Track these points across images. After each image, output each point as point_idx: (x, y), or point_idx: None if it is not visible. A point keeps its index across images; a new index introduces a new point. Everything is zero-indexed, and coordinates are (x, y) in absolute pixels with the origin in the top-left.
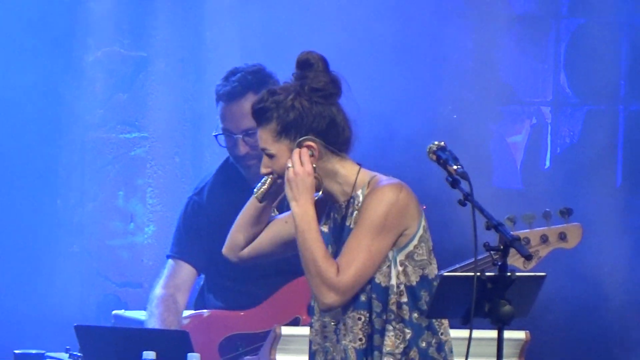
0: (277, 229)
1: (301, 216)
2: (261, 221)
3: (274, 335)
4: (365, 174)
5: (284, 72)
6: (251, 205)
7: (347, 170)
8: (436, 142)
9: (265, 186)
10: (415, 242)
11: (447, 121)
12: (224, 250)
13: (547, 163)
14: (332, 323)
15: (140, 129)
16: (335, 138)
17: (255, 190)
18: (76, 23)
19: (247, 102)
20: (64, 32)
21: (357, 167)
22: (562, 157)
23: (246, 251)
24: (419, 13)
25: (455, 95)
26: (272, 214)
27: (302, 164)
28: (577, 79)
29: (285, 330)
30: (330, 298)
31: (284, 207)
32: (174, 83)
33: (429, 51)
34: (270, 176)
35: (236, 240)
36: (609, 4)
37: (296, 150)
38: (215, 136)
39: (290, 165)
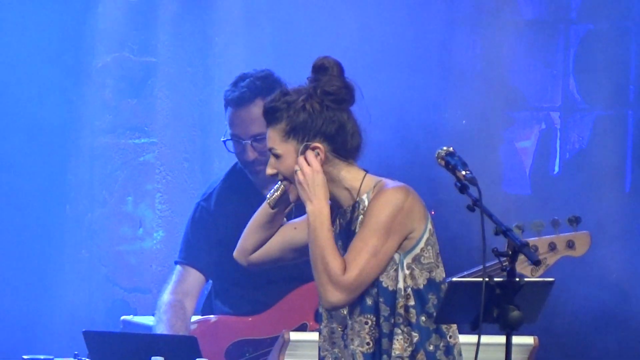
0: (287, 234)
1: (315, 215)
2: (272, 226)
3: (283, 340)
4: (371, 179)
5: (293, 78)
6: (263, 211)
7: (352, 175)
8: (445, 148)
9: (278, 192)
10: (421, 245)
11: (456, 126)
12: (235, 253)
13: (556, 168)
14: (339, 329)
15: (149, 134)
16: (343, 144)
17: (268, 196)
18: (85, 29)
19: (256, 108)
20: (73, 37)
21: (363, 172)
22: (571, 162)
23: (255, 256)
24: (429, 18)
25: (464, 100)
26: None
27: (309, 164)
28: (586, 84)
29: (294, 335)
30: (335, 296)
31: (291, 215)
32: (183, 88)
33: (438, 57)
34: (284, 183)
35: (246, 245)
36: (618, 10)
37: (305, 153)
38: (224, 142)
39: (297, 168)
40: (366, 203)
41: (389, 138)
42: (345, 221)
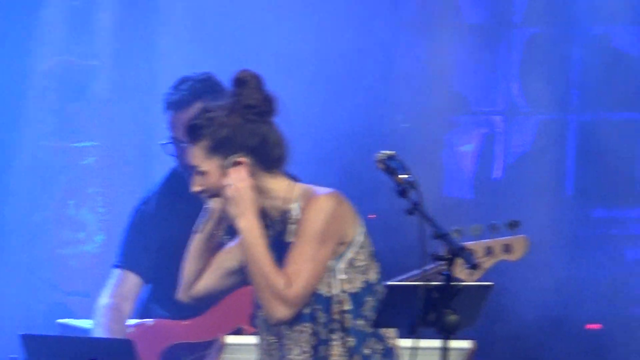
0: (219, 260)
1: (248, 231)
2: (206, 255)
3: (219, 344)
4: (299, 188)
5: None
6: (194, 241)
7: (279, 185)
8: (385, 152)
9: (205, 218)
10: (354, 248)
11: (397, 130)
12: (179, 294)
13: (499, 173)
14: (273, 340)
15: (92, 138)
16: (267, 156)
17: (196, 227)
18: (29, 32)
19: (196, 111)
20: (16, 41)
21: (290, 181)
22: (514, 166)
23: (195, 289)
24: (373, 22)
25: (406, 104)
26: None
27: (240, 179)
28: (529, 88)
29: (230, 339)
30: (281, 312)
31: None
32: (125, 92)
33: (381, 61)
34: (214, 201)
35: (187, 279)
36: (562, 14)
37: (232, 169)
38: (164, 145)
39: (229, 183)
40: (297, 212)
41: (331, 142)
42: (276, 232)
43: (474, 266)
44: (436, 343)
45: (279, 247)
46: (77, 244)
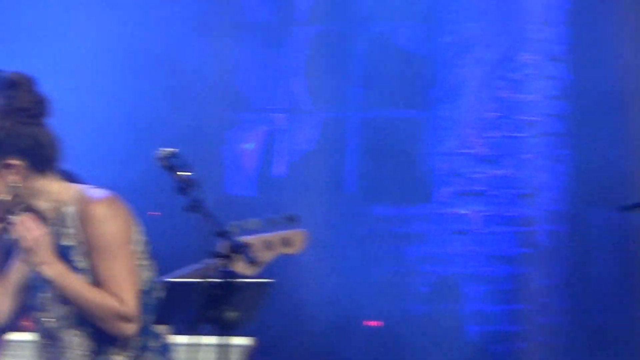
0: (12, 280)
1: (58, 275)
2: None
3: (1, 341)
4: (73, 189)
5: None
6: None
7: (53, 187)
8: (166, 149)
9: None
10: (135, 248)
11: (179, 128)
12: None
13: (282, 170)
14: (48, 343)
15: None
16: (40, 157)
17: None
18: None
19: None
20: None
21: (65, 183)
22: (298, 164)
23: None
24: (155, 19)
25: (189, 102)
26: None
27: (31, 229)
28: (313, 86)
29: (11, 336)
30: (128, 328)
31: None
32: None
33: (164, 58)
34: None
35: None
36: (346, 12)
37: (19, 219)
38: None
39: (21, 235)
40: (72, 215)
41: (113, 139)
42: (51, 234)
43: (253, 261)
44: (216, 340)
45: (60, 250)
46: None
